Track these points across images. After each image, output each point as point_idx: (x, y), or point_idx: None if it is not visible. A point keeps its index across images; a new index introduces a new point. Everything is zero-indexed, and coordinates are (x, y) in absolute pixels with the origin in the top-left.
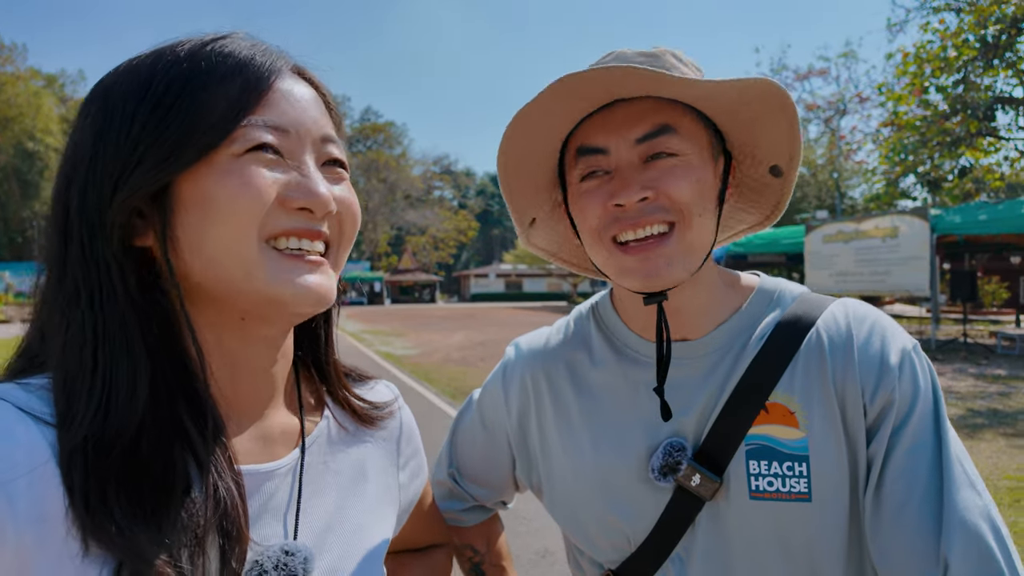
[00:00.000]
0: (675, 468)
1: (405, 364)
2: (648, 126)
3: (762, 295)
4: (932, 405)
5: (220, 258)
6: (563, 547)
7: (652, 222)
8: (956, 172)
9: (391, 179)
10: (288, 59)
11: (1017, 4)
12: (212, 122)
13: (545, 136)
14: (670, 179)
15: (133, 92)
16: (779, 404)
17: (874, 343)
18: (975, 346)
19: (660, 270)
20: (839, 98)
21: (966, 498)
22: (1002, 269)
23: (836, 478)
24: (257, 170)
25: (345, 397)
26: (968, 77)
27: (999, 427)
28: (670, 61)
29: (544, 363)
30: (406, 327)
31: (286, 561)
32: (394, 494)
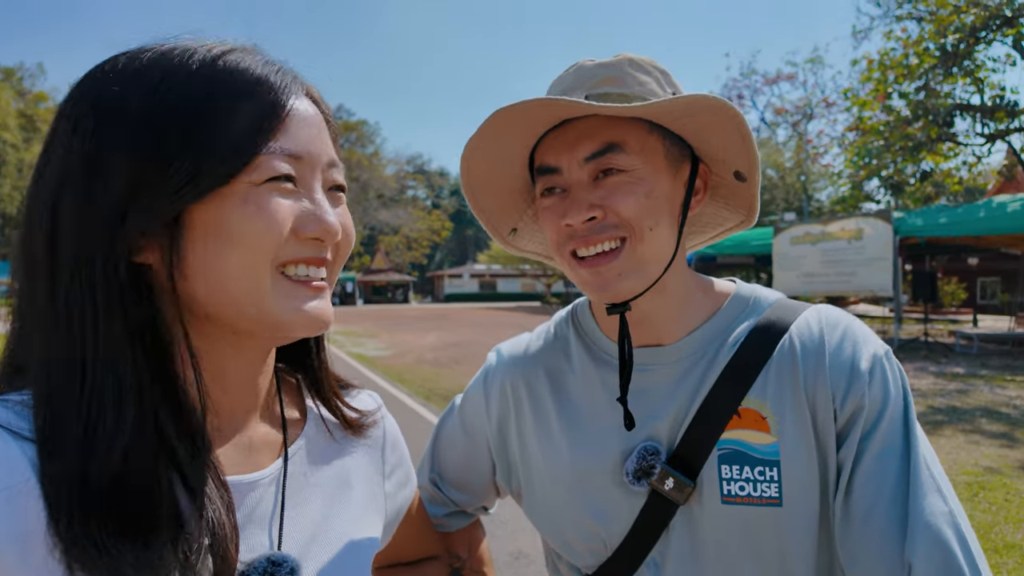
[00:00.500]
0: (649, 472)
1: (378, 365)
2: (595, 145)
3: (737, 301)
4: (902, 411)
5: (230, 284)
6: (538, 549)
7: (602, 240)
8: (918, 176)
9: (363, 178)
10: (300, 79)
11: (975, 15)
12: (232, 149)
13: (508, 156)
14: (617, 196)
15: (143, 106)
16: (751, 409)
17: (846, 349)
18: (935, 345)
19: (611, 283)
20: (806, 103)
21: (932, 503)
22: (960, 270)
23: (806, 483)
24: (275, 200)
25: (337, 405)
26: (929, 84)
27: (957, 424)
28: (625, 71)
29: (524, 369)
30: (379, 328)
31: (272, 571)
32: (380, 503)
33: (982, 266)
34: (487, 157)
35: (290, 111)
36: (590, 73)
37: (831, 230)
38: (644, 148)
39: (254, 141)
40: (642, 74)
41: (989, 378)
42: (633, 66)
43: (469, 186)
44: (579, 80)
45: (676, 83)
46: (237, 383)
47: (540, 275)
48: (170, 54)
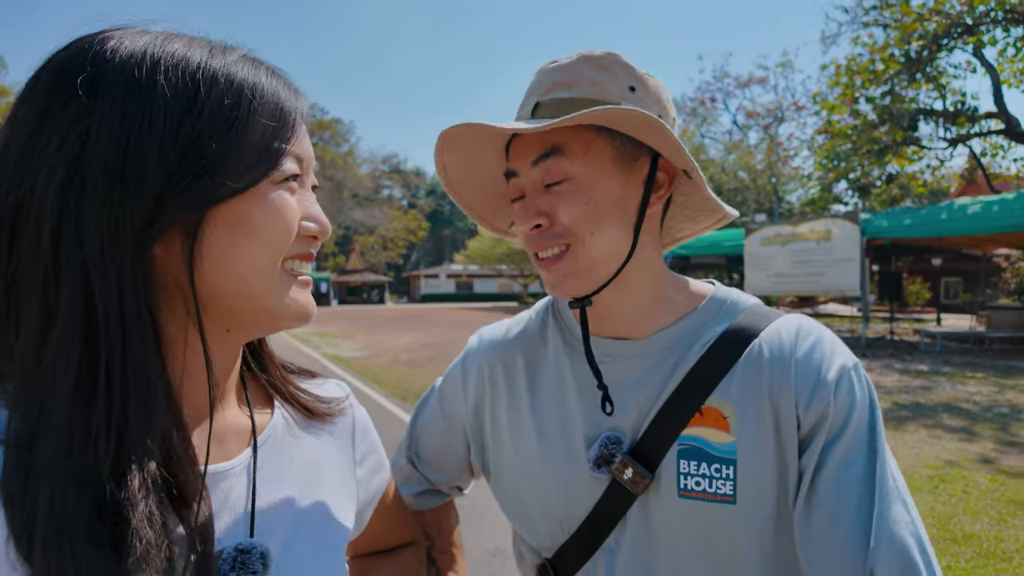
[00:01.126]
0: (610, 460)
1: (353, 366)
2: (538, 149)
3: (713, 304)
4: (867, 422)
5: (246, 277)
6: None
7: (547, 246)
8: (884, 179)
9: (338, 177)
10: (299, 90)
11: (938, 23)
12: (262, 152)
13: (485, 163)
14: (560, 205)
15: (175, 106)
16: (714, 408)
17: (814, 358)
18: (901, 343)
19: (559, 283)
20: (777, 106)
21: (896, 513)
22: (925, 271)
23: (762, 484)
24: (290, 199)
25: (289, 391)
26: (894, 89)
27: (921, 419)
28: (580, 72)
29: (502, 353)
30: (354, 328)
31: (243, 560)
32: (352, 490)
33: (945, 267)
34: (463, 167)
35: (297, 118)
36: (546, 77)
37: (801, 231)
38: (588, 151)
39: (278, 146)
40: (597, 72)
41: (951, 375)
42: (589, 65)
43: (457, 195)
44: (536, 85)
45: (638, 74)
46: (216, 375)
47: (517, 275)
48: (189, 55)
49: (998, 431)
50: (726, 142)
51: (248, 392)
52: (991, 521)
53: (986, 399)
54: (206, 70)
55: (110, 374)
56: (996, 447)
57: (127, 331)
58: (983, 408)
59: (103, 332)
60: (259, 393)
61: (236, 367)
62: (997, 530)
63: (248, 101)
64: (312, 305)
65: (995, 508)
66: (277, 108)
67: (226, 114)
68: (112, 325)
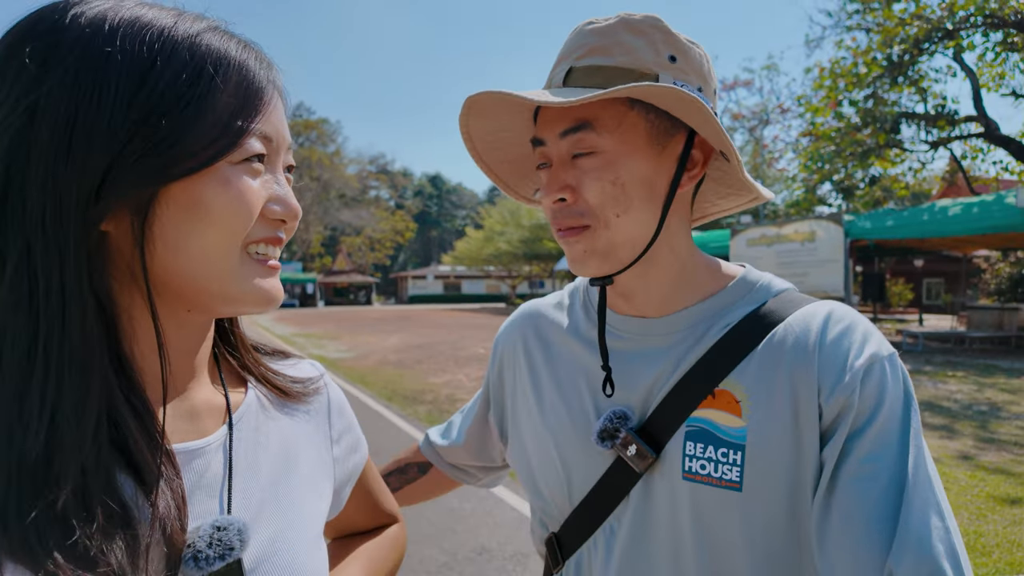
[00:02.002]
0: (614, 435)
1: (340, 367)
2: (568, 121)
3: (741, 285)
4: (900, 417)
5: (201, 260)
6: (500, 545)
7: (568, 225)
8: (867, 181)
9: (324, 177)
10: (272, 64)
11: (919, 27)
12: (221, 130)
13: (512, 128)
14: (586, 180)
15: (128, 74)
16: (727, 391)
17: (842, 344)
18: None
19: (578, 257)
20: (762, 108)
21: (928, 517)
22: (907, 272)
23: (773, 473)
24: (250, 182)
25: (262, 372)
26: (877, 93)
27: None
28: (617, 37)
29: (534, 323)
30: (340, 330)
31: (220, 536)
32: (328, 468)
33: (927, 268)
34: (489, 130)
35: (267, 94)
36: (582, 40)
37: (785, 232)
38: (621, 125)
39: (241, 124)
40: (636, 38)
41: (933, 374)
42: (627, 29)
43: (479, 158)
44: (570, 48)
45: (679, 42)
46: (180, 354)
47: (505, 276)
48: (150, 22)
49: (977, 428)
50: None
51: (222, 371)
52: (971, 516)
53: (966, 397)
54: (167, 40)
55: (48, 349)
56: (975, 444)
57: (67, 306)
58: (963, 406)
59: (42, 306)
60: (233, 373)
61: (206, 346)
62: (977, 525)
63: (209, 75)
64: (277, 291)
65: (975, 504)
66: (244, 83)
67: (183, 88)
68: (53, 300)
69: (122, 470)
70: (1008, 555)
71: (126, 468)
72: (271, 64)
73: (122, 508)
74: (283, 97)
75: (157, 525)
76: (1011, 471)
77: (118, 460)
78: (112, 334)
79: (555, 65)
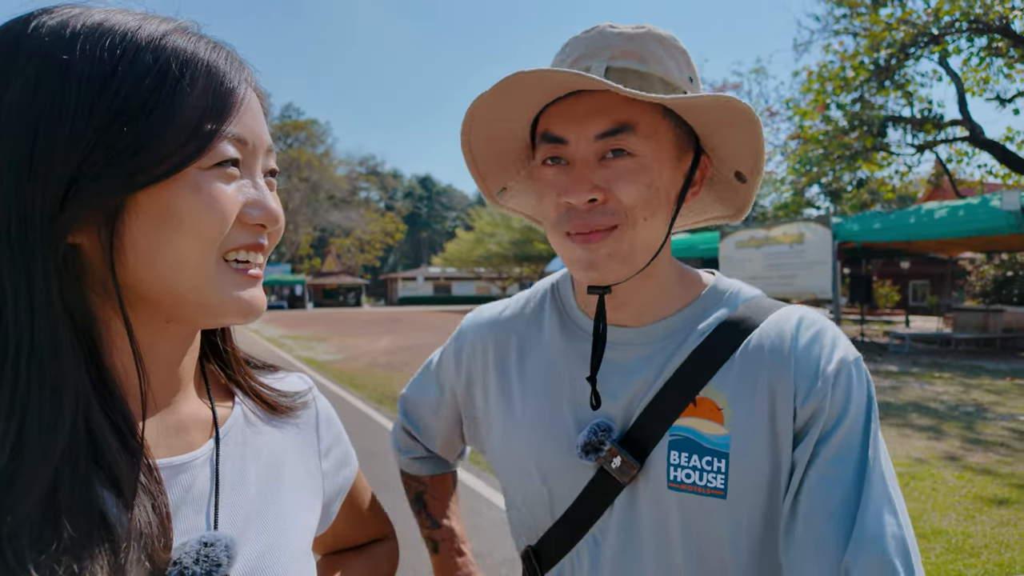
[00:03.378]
0: (598, 448)
1: (329, 370)
2: (607, 123)
3: (714, 293)
4: (863, 419)
5: (174, 270)
6: (488, 549)
7: (598, 226)
8: (854, 184)
9: (313, 179)
10: (245, 64)
11: (905, 32)
12: (188, 135)
13: (514, 117)
14: (621, 182)
15: (88, 80)
16: (708, 399)
17: (814, 350)
18: (871, 344)
19: (600, 262)
20: None
21: (882, 517)
22: (894, 273)
23: (755, 478)
24: (223, 187)
25: (251, 386)
26: (864, 96)
27: (891, 419)
28: (648, 47)
29: (496, 333)
30: (330, 331)
31: (207, 553)
32: (317, 483)
33: (913, 270)
34: (491, 118)
35: (240, 96)
36: (610, 41)
37: (774, 234)
38: (655, 132)
39: (211, 128)
40: (663, 52)
41: (919, 375)
42: (655, 41)
43: (468, 144)
44: (600, 47)
45: (693, 65)
46: (162, 367)
47: (495, 278)
48: (113, 26)
49: (964, 429)
50: None
51: (209, 384)
52: (959, 517)
53: (952, 398)
54: (129, 44)
55: (16, 364)
56: (962, 445)
57: (36, 321)
58: (950, 407)
59: (10, 320)
60: (220, 386)
61: (190, 358)
62: (965, 526)
63: (175, 78)
64: (259, 300)
65: (962, 504)
66: (213, 85)
67: (147, 92)
68: (21, 314)
69: (103, 485)
70: (997, 556)
71: (107, 483)
72: (244, 64)
73: (103, 523)
74: (262, 98)
75: (138, 541)
76: (998, 472)
77: (98, 474)
78: (92, 347)
79: (576, 58)
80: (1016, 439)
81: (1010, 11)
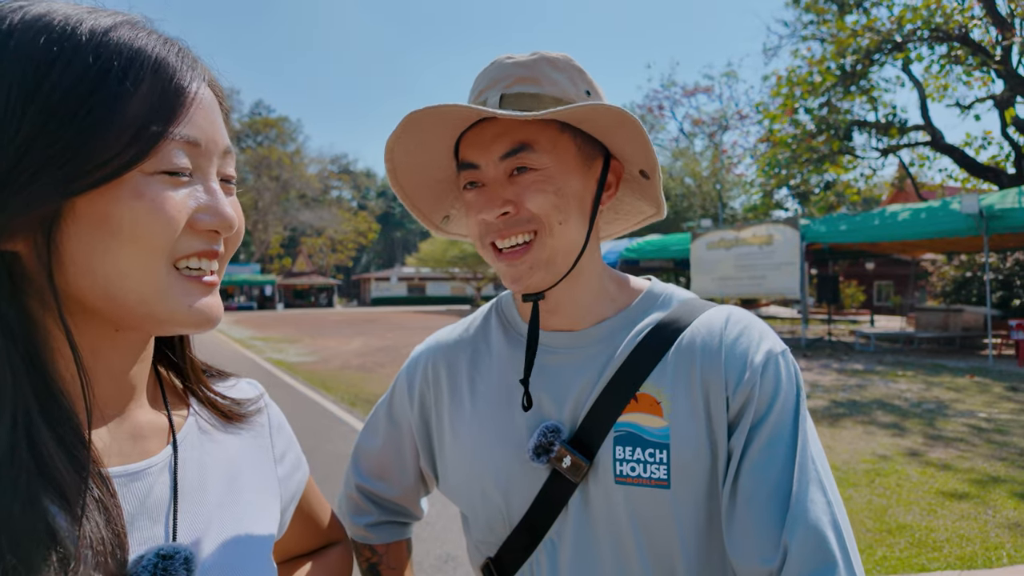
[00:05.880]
0: (548, 449)
1: (300, 372)
2: (508, 144)
3: (649, 297)
4: (793, 406)
5: (117, 280)
6: (465, 553)
7: (516, 232)
8: (822, 186)
9: (284, 177)
10: (197, 59)
11: (870, 39)
12: (130, 138)
13: (434, 149)
14: (528, 194)
15: (20, 79)
16: (647, 395)
17: (742, 343)
18: (838, 344)
19: (523, 275)
20: (722, 115)
21: (812, 494)
22: (859, 274)
23: (694, 467)
24: (169, 192)
25: (205, 395)
26: (831, 101)
27: (857, 416)
28: (540, 70)
29: (446, 354)
30: (300, 333)
31: (164, 566)
32: (274, 488)
33: (878, 271)
34: (411, 152)
35: (191, 95)
36: (506, 71)
37: (744, 236)
38: (555, 147)
39: (156, 130)
40: (556, 72)
41: (884, 373)
42: (548, 64)
43: (396, 180)
44: (496, 78)
45: (590, 80)
46: (112, 374)
47: (471, 278)
48: (51, 20)
49: (926, 426)
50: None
51: (165, 390)
52: (922, 512)
53: (915, 396)
54: (68, 39)
55: None
56: (924, 441)
57: None
58: (912, 404)
59: None
60: (175, 392)
61: (143, 365)
62: (928, 520)
63: (118, 76)
64: (212, 310)
65: (925, 499)
66: (161, 83)
67: (84, 92)
68: None
69: (51, 500)
70: (959, 549)
71: (55, 497)
72: (197, 61)
73: (51, 541)
74: (220, 97)
75: (89, 558)
76: (958, 467)
77: (46, 489)
78: (34, 356)
79: (478, 92)
80: (974, 435)
81: (969, 20)
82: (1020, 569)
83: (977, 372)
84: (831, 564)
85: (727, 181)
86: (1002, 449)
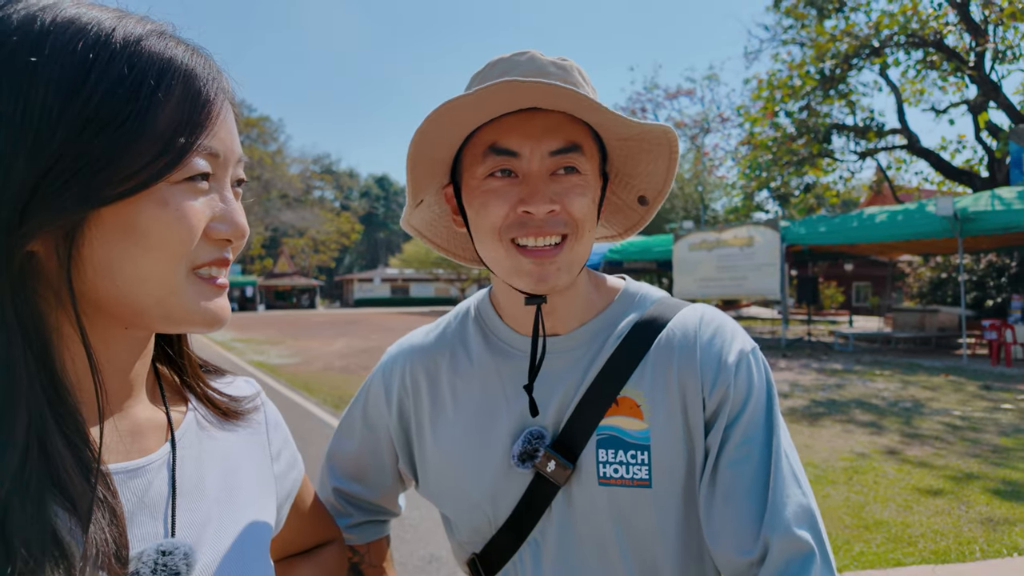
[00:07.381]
0: (533, 455)
1: (282, 373)
2: (562, 141)
3: (625, 297)
4: (765, 403)
5: (137, 284)
6: (449, 553)
7: (552, 232)
8: (801, 188)
9: (265, 177)
10: (221, 72)
11: (848, 44)
12: (160, 149)
13: (462, 127)
14: (573, 195)
15: (58, 81)
16: (628, 398)
17: (716, 343)
18: (817, 344)
19: (550, 276)
20: (704, 117)
21: (788, 489)
22: (838, 275)
23: (674, 466)
24: (191, 203)
25: (204, 392)
26: (810, 104)
27: (836, 415)
28: (577, 78)
29: (423, 359)
30: (282, 334)
31: (164, 562)
32: (271, 486)
33: (856, 272)
34: (442, 124)
35: (217, 108)
36: (550, 67)
37: (725, 237)
38: (593, 155)
39: (185, 141)
40: (586, 85)
41: (862, 373)
42: (579, 74)
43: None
44: (539, 70)
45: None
46: (117, 371)
47: (454, 279)
48: (86, 25)
49: (903, 424)
50: None
51: (163, 387)
52: (898, 508)
53: (892, 395)
54: (104, 47)
55: None
56: (901, 439)
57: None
58: (890, 403)
59: None
60: (173, 389)
61: (143, 362)
62: (904, 516)
63: (151, 88)
64: (225, 310)
65: (901, 496)
66: (189, 96)
67: (120, 103)
68: None
69: (57, 502)
70: (933, 544)
71: (61, 500)
72: (221, 72)
73: (56, 544)
74: (236, 107)
75: (93, 558)
76: (933, 464)
77: (52, 492)
78: (44, 356)
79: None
80: (949, 432)
81: (944, 27)
82: (993, 563)
83: (952, 371)
84: (810, 554)
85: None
86: (976, 446)
